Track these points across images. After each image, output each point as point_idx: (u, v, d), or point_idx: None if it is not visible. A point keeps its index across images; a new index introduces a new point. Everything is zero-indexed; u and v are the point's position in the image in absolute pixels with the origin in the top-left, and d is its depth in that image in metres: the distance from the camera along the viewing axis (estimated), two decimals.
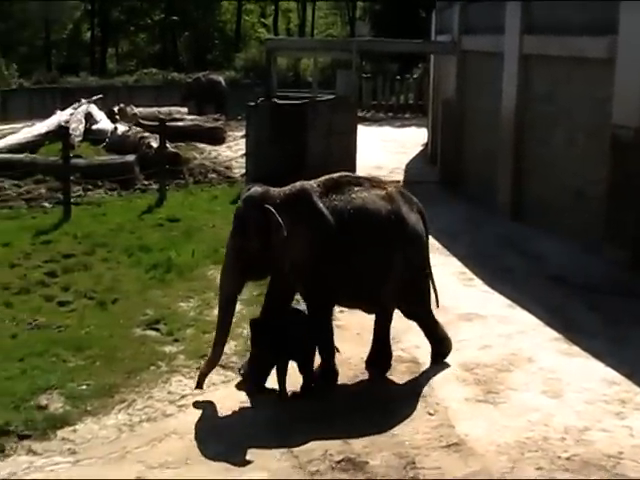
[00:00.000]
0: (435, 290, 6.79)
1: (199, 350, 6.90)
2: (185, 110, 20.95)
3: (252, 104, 13.59)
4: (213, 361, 6.29)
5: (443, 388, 6.40)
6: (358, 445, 5.51)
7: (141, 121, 17.72)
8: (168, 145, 13.97)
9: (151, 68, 31.51)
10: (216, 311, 7.64)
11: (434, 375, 6.62)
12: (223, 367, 6.65)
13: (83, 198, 12.77)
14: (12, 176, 13.58)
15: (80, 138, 16.83)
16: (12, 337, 7.21)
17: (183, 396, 6.23)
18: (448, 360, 6.88)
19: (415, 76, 26.09)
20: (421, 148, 18.24)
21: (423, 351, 7.06)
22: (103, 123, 17.91)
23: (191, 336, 7.20)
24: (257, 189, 6.20)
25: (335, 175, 6.35)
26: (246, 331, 7.35)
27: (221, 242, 9.73)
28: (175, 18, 35.61)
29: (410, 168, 16.05)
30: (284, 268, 6.08)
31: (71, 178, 12.13)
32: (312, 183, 6.24)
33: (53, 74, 30.59)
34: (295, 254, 6.01)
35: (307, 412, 5.99)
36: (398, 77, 25.97)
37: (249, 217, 6.02)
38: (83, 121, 17.67)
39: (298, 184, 6.25)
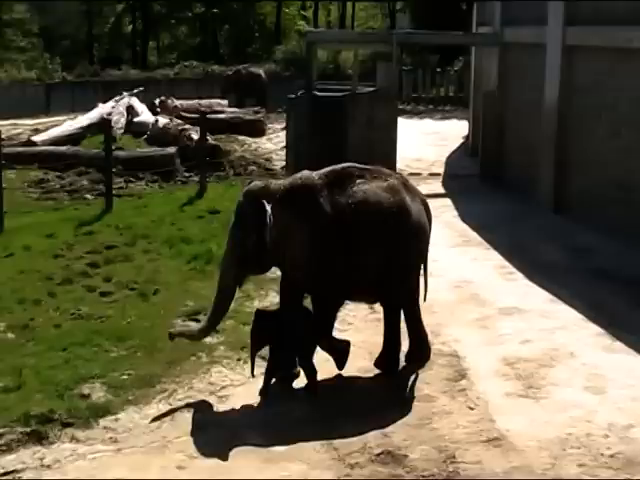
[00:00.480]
0: (426, 283, 6.67)
1: (239, 341, 6.92)
2: (225, 103, 21.03)
3: (292, 97, 13.62)
4: (192, 338, 6.39)
5: (483, 382, 6.34)
6: (398, 438, 5.50)
7: (182, 113, 17.87)
8: (209, 137, 14.04)
9: (192, 61, 31.68)
10: (256, 302, 7.76)
11: (474, 369, 6.57)
12: (263, 358, 6.66)
13: (124, 190, 12.91)
14: (55, 168, 13.80)
15: (122, 130, 17.02)
16: (55, 327, 7.31)
17: (223, 387, 6.26)
18: (489, 354, 6.82)
19: (456, 68, 25.89)
20: (462, 141, 18.10)
21: (463, 344, 7.03)
22: (144, 116, 18.07)
23: (231, 327, 7.22)
24: (257, 183, 6.18)
25: (338, 167, 6.29)
26: None
27: None
28: (215, 11, 35.75)
29: (451, 161, 15.94)
30: (283, 263, 6.08)
31: (113, 170, 12.24)
32: (314, 176, 6.15)
33: (95, 67, 30.93)
34: (294, 249, 5.97)
35: (347, 405, 5.98)
36: (439, 69, 25.80)
37: (247, 212, 5.97)
38: (125, 114, 17.85)
39: (299, 177, 6.18)
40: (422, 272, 6.63)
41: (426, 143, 17.45)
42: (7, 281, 8.43)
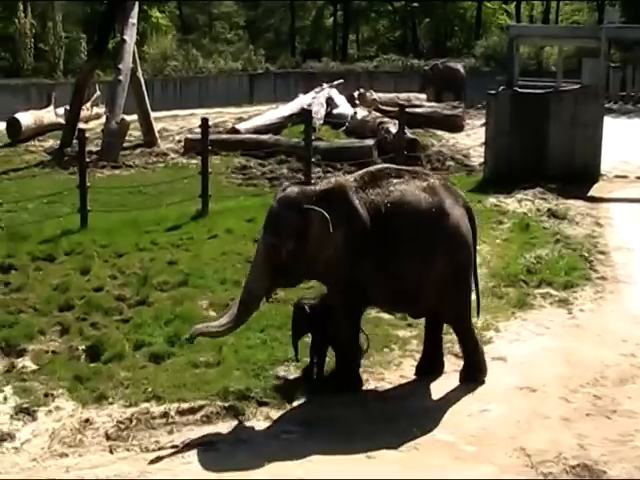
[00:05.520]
0: (477, 295, 6.35)
1: None
2: (424, 97, 20.96)
3: (492, 93, 13.35)
4: (214, 336, 6.13)
5: None
6: (596, 452, 5.26)
7: (380, 106, 17.97)
8: (406, 131, 14.02)
9: (390, 54, 31.84)
10: None
11: None
12: (455, 356, 6.58)
13: (323, 180, 13.15)
14: (257, 155, 14.33)
15: (321, 121, 17.36)
16: None
17: (414, 381, 6.25)
18: None
19: None
20: None
21: None
22: (343, 107, 18.34)
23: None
24: (293, 189, 5.93)
25: (373, 168, 6.11)
26: (480, 322, 7.25)
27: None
28: (416, 4, 35.72)
29: None
30: (318, 269, 5.83)
31: (312, 160, 12.51)
32: (349, 178, 6.01)
33: (297, 59, 31.78)
34: (330, 253, 5.74)
35: (540, 411, 5.80)
36: None
37: (285, 218, 5.76)
38: (324, 105, 18.21)
39: (334, 180, 6.08)
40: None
41: (634, 144, 16.49)
42: (210, 262, 8.83)
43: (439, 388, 6.15)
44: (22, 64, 26.01)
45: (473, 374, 6.20)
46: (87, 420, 5.68)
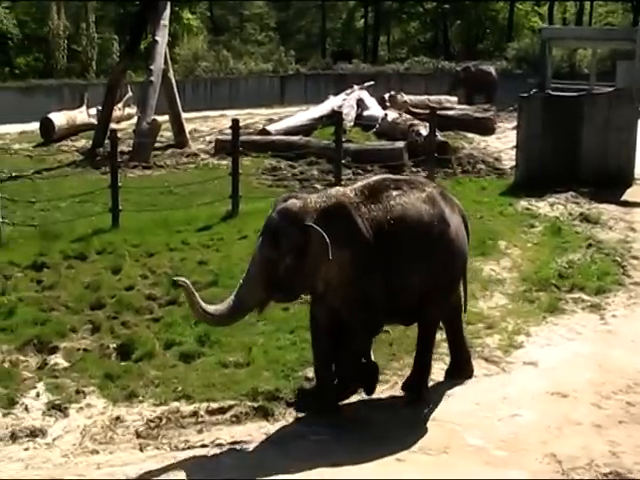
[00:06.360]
0: (465, 296, 6.32)
1: None
2: (455, 99, 20.88)
3: (524, 95, 13.27)
4: (197, 315, 5.69)
5: None
6: (629, 460, 5.19)
7: (411, 109, 17.93)
8: (437, 134, 13.96)
9: (421, 56, 31.77)
10: (481, 303, 7.64)
11: None
12: (486, 360, 6.57)
13: (353, 182, 13.15)
14: (287, 157, 14.35)
15: (351, 123, 17.34)
16: (284, 310, 7.56)
17: (444, 384, 6.21)
18: None
19: None
20: None
21: None
22: (374, 109, 18.30)
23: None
24: (295, 202, 5.61)
25: (372, 180, 5.97)
26: (511, 326, 7.22)
27: (489, 233, 9.64)
28: (447, 6, 35.61)
29: None
30: (317, 288, 5.62)
31: (342, 161, 12.49)
32: (349, 193, 5.74)
33: (327, 61, 31.81)
34: (332, 274, 5.52)
35: (574, 417, 5.75)
36: None
37: (285, 232, 5.49)
38: (355, 107, 18.19)
39: (333, 194, 5.75)
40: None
41: None
42: (240, 262, 8.80)
43: (469, 392, 6.12)
44: (55, 65, 26.28)
45: (416, 384, 6.07)
46: (118, 418, 5.73)
